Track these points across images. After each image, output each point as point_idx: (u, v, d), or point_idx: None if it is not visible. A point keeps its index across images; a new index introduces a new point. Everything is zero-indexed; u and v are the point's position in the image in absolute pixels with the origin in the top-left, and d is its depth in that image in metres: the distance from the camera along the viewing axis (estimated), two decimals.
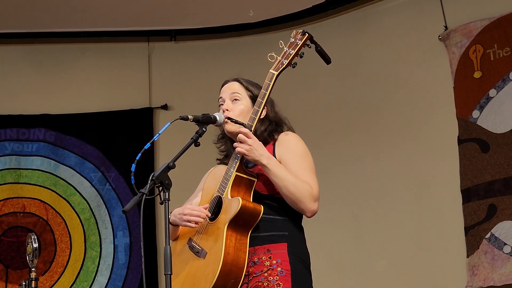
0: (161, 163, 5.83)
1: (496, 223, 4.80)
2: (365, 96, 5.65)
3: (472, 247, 4.88)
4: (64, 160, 6.01)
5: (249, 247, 2.96)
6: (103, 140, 6.08)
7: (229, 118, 3.12)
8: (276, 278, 2.94)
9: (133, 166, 2.80)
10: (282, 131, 3.18)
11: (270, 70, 3.07)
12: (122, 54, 6.28)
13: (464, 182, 5.00)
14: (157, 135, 2.96)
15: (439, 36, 5.26)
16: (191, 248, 3.05)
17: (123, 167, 5.99)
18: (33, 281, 4.19)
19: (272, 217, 3.02)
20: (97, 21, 6.04)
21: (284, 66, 3.05)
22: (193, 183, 5.60)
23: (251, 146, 2.97)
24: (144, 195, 2.75)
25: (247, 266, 2.93)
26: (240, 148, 2.98)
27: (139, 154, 2.82)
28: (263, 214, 2.98)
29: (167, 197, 2.79)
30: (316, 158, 3.15)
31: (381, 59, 5.60)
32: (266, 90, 3.04)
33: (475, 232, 4.87)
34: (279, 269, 2.96)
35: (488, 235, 4.81)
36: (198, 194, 3.26)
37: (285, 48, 3.08)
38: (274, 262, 2.97)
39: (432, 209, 5.18)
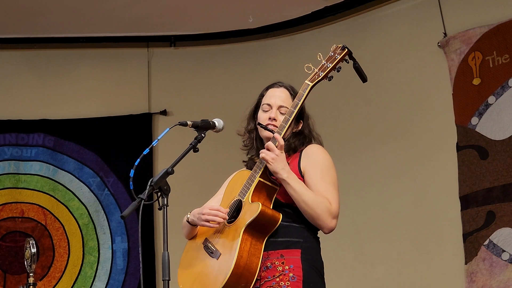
0: (160, 168, 5.82)
1: (495, 230, 4.80)
2: (363, 103, 5.65)
3: (470, 253, 4.87)
4: (63, 165, 6.01)
5: (263, 251, 2.97)
6: (102, 145, 6.07)
7: (259, 124, 3.14)
8: (288, 283, 2.95)
9: (132, 171, 2.81)
10: (310, 143, 3.19)
11: (306, 81, 3.10)
12: (122, 60, 6.28)
13: (462, 188, 5.00)
14: (156, 140, 2.97)
15: (438, 43, 5.26)
16: (206, 248, 3.06)
17: (122, 173, 5.99)
18: (31, 286, 4.20)
19: (288, 223, 3.03)
20: (97, 27, 6.05)
21: (320, 78, 3.10)
22: (192, 188, 5.64)
23: (277, 156, 2.98)
24: (143, 200, 2.76)
25: (260, 271, 2.95)
26: (265, 155, 2.99)
27: (138, 160, 2.83)
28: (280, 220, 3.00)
29: (165, 202, 2.80)
30: None
31: (380, 66, 5.60)
32: (299, 100, 3.06)
33: (474, 239, 4.87)
34: (291, 274, 2.96)
35: (486, 242, 4.81)
36: (219, 196, 3.27)
37: (323, 60, 3.12)
38: (287, 267, 2.98)
39: (431, 215, 5.18)
